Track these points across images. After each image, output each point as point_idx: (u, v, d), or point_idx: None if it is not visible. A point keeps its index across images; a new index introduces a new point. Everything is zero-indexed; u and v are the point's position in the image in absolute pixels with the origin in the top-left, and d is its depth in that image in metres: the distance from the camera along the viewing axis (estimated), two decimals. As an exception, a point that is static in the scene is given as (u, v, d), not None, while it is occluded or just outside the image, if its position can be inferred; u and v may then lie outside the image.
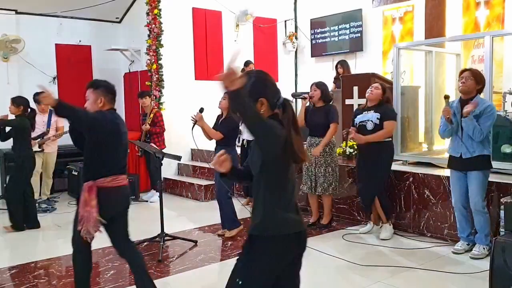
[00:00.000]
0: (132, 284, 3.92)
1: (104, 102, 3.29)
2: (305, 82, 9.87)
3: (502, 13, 6.96)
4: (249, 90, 2.06)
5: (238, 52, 2.47)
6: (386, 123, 4.84)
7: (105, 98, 3.30)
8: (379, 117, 4.84)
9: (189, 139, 8.20)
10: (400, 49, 5.90)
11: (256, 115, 1.96)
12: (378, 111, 4.88)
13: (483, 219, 4.26)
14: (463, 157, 4.26)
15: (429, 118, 6.17)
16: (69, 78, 8.33)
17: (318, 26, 9.61)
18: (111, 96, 3.36)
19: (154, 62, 7.90)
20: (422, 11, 7.49)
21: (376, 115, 4.86)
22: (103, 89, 3.32)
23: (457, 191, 4.39)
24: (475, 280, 3.81)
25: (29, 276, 4.16)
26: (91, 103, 3.27)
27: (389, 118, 4.86)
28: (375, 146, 4.87)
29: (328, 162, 5.33)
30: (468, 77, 4.22)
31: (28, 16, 8.14)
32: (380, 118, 4.84)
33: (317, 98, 5.39)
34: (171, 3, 8.05)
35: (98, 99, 3.27)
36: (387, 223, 5.02)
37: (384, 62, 8.51)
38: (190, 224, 5.87)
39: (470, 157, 4.23)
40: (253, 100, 2.06)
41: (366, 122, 4.90)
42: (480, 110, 4.15)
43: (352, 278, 4.00)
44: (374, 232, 5.15)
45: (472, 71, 4.29)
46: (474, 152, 4.21)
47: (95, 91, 3.28)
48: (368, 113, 4.94)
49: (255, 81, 2.14)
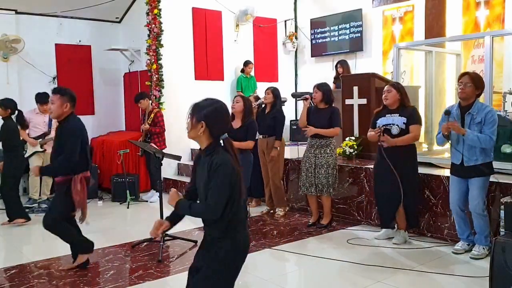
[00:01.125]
0: (132, 284, 3.93)
1: (69, 107, 4.02)
2: (305, 82, 9.88)
3: (502, 13, 6.97)
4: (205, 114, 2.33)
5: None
6: (412, 127, 4.55)
7: (70, 104, 4.02)
8: (405, 121, 4.56)
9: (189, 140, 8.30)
10: (400, 49, 5.90)
11: (198, 212, 2.40)
12: (403, 114, 4.59)
13: (483, 221, 4.25)
14: (465, 165, 4.22)
15: (429, 118, 6.16)
16: (69, 78, 8.33)
17: (318, 26, 9.61)
18: (74, 103, 4.07)
19: (154, 62, 7.90)
20: (422, 11, 7.50)
21: (402, 120, 4.57)
22: (69, 96, 4.02)
23: (456, 193, 4.37)
24: (475, 280, 3.80)
25: (29, 276, 4.15)
26: (57, 106, 3.96)
27: (415, 122, 4.59)
28: (401, 151, 4.58)
29: (328, 163, 5.32)
30: (467, 83, 4.16)
31: (28, 16, 8.14)
32: (407, 123, 4.57)
33: (318, 100, 5.37)
34: (171, 3, 8.05)
35: (64, 104, 3.98)
36: (403, 229, 4.81)
37: (384, 62, 8.51)
38: (190, 224, 5.83)
39: (473, 165, 4.19)
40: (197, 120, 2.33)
41: (391, 126, 4.60)
42: (481, 117, 4.13)
43: (352, 278, 4.00)
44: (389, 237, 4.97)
45: (471, 75, 4.21)
46: (477, 160, 4.18)
47: (62, 97, 3.98)
48: (392, 116, 4.64)
49: (213, 109, 2.36)
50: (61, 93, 3.99)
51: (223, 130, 2.38)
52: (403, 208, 4.70)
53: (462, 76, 4.26)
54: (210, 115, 2.33)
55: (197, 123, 2.33)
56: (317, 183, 5.34)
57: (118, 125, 9.13)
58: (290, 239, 5.04)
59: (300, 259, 4.44)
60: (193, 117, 2.35)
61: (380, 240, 4.89)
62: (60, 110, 3.97)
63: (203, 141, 2.37)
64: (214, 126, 2.33)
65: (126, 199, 7.02)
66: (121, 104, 9.23)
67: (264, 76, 9.38)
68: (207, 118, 2.32)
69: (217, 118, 2.35)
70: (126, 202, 7.03)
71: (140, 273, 4.17)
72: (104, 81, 9.05)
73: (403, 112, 4.63)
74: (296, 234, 5.22)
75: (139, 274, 4.14)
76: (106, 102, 8.99)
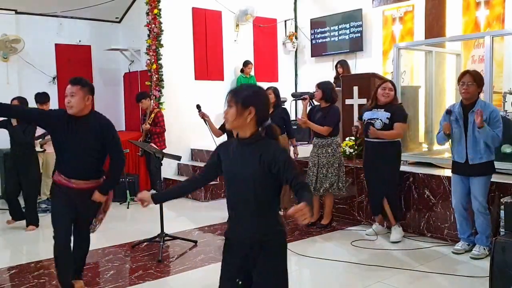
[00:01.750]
0: (132, 284, 3.93)
1: (91, 100, 3.42)
2: (305, 82, 9.88)
3: (502, 13, 6.97)
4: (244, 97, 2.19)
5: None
6: (396, 125, 4.72)
7: (92, 97, 3.44)
8: (389, 116, 4.74)
9: (189, 139, 8.33)
10: (400, 49, 5.89)
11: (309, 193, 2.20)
12: (388, 110, 4.77)
13: (485, 220, 4.25)
14: (469, 163, 4.23)
15: (429, 118, 6.16)
16: (69, 78, 8.28)
17: (318, 26, 9.61)
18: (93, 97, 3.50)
19: (154, 62, 7.90)
20: (422, 11, 7.49)
21: (386, 114, 4.75)
22: (90, 88, 3.44)
23: (458, 193, 4.37)
24: (475, 280, 3.80)
25: (29, 276, 4.15)
26: (79, 99, 3.33)
27: (400, 119, 4.74)
28: (382, 144, 4.79)
29: (331, 163, 5.30)
30: (470, 83, 4.18)
31: (28, 16, 8.14)
32: (390, 118, 4.74)
33: (318, 99, 5.38)
34: (171, 3, 8.05)
35: (86, 97, 3.37)
36: (395, 224, 4.92)
37: (384, 62, 8.51)
38: (190, 224, 5.86)
39: (478, 163, 4.20)
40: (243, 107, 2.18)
41: (375, 120, 4.78)
42: (486, 116, 4.12)
43: (352, 278, 4.00)
44: (379, 233, 5.09)
45: (472, 74, 4.22)
46: (482, 158, 4.19)
47: (83, 88, 3.36)
48: (378, 111, 4.82)
49: (260, 94, 2.25)
50: (82, 84, 3.38)
51: (267, 116, 2.26)
52: (386, 200, 4.86)
53: (463, 76, 4.25)
54: (257, 100, 2.20)
55: (244, 109, 2.16)
56: (319, 182, 5.33)
57: (118, 125, 9.12)
58: (290, 239, 5.02)
59: (300, 259, 4.43)
60: (238, 104, 2.17)
61: (380, 241, 4.90)
62: (83, 103, 3.35)
63: (247, 129, 2.21)
64: (261, 112, 2.21)
65: (126, 199, 7.03)
66: (121, 104, 9.23)
67: (264, 76, 9.37)
68: (256, 104, 2.18)
69: (264, 103, 2.25)
70: (126, 202, 7.03)
71: (140, 273, 4.17)
72: (104, 81, 9.04)
73: (389, 108, 4.79)
74: (296, 234, 5.22)
75: (139, 274, 4.14)
76: (106, 102, 8.95)
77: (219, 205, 6.69)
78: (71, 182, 3.37)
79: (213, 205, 7.00)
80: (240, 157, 2.25)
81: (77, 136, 3.35)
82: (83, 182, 3.39)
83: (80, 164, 3.38)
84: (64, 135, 3.36)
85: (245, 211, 2.25)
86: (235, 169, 2.26)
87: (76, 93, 3.33)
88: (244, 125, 2.20)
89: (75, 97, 3.32)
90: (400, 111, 4.81)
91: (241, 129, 2.23)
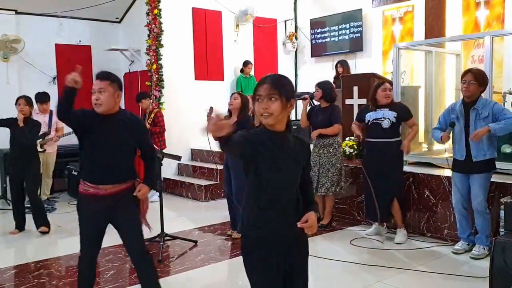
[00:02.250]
0: (132, 284, 3.92)
1: (120, 97, 3.10)
2: (305, 82, 9.88)
3: (502, 13, 6.97)
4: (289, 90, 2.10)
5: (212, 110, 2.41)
6: (410, 122, 4.89)
7: (121, 94, 3.13)
8: (395, 115, 4.74)
9: (189, 139, 8.33)
10: (400, 49, 5.90)
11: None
12: (393, 109, 4.78)
13: (485, 220, 4.26)
14: (473, 160, 4.23)
15: (429, 118, 6.16)
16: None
17: (318, 26, 9.61)
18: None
19: (154, 62, 7.90)
20: (422, 11, 7.49)
21: (392, 113, 4.74)
22: (119, 84, 3.12)
23: (459, 192, 4.37)
24: (475, 280, 3.80)
25: (29, 276, 4.15)
26: (109, 96, 3.01)
27: (410, 116, 4.88)
28: (387, 144, 4.77)
29: (332, 163, 5.30)
30: (470, 81, 4.20)
31: (28, 16, 8.14)
32: (397, 117, 4.75)
33: (318, 98, 5.38)
34: (171, 3, 8.05)
35: (116, 93, 3.06)
36: (402, 227, 4.89)
37: (384, 62, 8.51)
38: (190, 224, 5.86)
39: (481, 160, 4.20)
40: (287, 100, 2.07)
41: (382, 120, 4.76)
42: (488, 112, 4.15)
43: (352, 278, 4.00)
44: (379, 233, 5.08)
45: (474, 73, 4.24)
46: (485, 155, 4.20)
47: (112, 84, 3.03)
48: (382, 111, 4.79)
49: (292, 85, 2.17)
50: (111, 79, 3.04)
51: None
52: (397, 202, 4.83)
53: (465, 74, 4.28)
54: (293, 92, 2.12)
55: (287, 102, 2.06)
56: (321, 182, 5.33)
57: (118, 125, 9.12)
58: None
59: (300, 259, 4.43)
60: (282, 97, 2.03)
61: (380, 242, 4.90)
62: (113, 100, 3.04)
63: (284, 123, 2.11)
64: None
65: (126, 199, 7.01)
66: (121, 104, 9.20)
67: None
68: (293, 96, 2.11)
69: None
70: (126, 202, 7.01)
71: (140, 273, 4.16)
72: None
73: (392, 107, 4.81)
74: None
75: (139, 274, 4.14)
76: (106, 102, 8.98)
77: (219, 205, 6.68)
78: (99, 189, 3.03)
79: (213, 205, 7.00)
80: (281, 151, 2.10)
81: (114, 136, 3.05)
82: (112, 186, 3.05)
83: (116, 165, 3.06)
84: (98, 136, 3.04)
85: (288, 207, 2.12)
86: (279, 164, 2.09)
87: (106, 89, 2.99)
88: (284, 118, 2.10)
89: (105, 94, 2.99)
90: (406, 109, 4.91)
91: (280, 123, 2.10)
